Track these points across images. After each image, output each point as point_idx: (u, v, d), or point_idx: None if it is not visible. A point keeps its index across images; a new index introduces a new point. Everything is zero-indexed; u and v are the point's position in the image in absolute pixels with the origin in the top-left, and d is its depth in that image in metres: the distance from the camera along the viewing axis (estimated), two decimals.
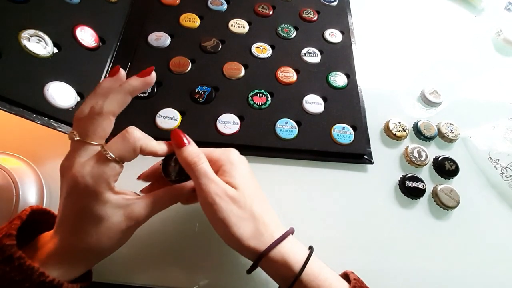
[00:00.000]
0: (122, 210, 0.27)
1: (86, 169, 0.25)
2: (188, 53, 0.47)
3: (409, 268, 0.33)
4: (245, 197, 0.28)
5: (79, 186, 0.25)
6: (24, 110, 0.33)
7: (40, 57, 0.35)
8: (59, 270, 0.25)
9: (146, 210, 0.28)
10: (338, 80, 0.47)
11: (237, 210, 0.27)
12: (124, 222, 0.27)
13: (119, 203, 0.26)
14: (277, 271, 0.28)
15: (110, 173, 0.25)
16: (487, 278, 0.37)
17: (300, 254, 0.28)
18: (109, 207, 0.26)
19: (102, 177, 0.25)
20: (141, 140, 0.27)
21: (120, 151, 0.26)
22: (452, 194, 0.40)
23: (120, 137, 0.26)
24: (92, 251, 0.27)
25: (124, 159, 0.26)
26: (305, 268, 0.27)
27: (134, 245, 0.34)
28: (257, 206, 0.29)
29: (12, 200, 0.33)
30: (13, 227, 0.25)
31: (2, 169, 0.34)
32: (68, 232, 0.26)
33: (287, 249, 0.28)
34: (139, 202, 0.28)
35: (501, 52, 0.58)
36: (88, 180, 0.25)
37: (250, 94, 0.44)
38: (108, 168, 0.25)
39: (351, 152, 0.41)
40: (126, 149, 0.26)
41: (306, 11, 0.54)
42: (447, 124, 0.46)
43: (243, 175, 0.30)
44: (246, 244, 0.27)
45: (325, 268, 0.29)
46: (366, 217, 0.39)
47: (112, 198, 0.26)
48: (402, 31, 0.57)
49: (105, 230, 0.26)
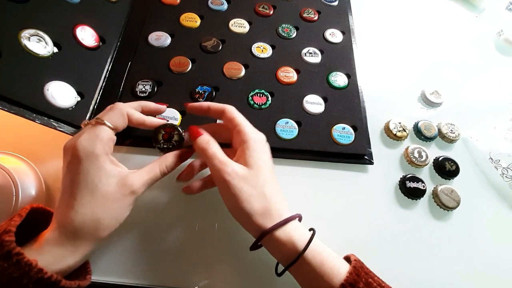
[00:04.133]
0: (116, 179, 0.29)
1: (84, 135, 0.29)
2: (189, 53, 0.47)
3: (408, 268, 0.33)
4: (258, 177, 0.30)
5: (77, 150, 0.27)
6: (24, 110, 0.33)
7: (40, 56, 0.35)
8: (55, 255, 0.26)
9: (139, 178, 0.30)
10: (339, 80, 0.47)
11: (248, 188, 0.29)
12: (119, 191, 0.28)
13: (113, 173, 0.29)
14: (280, 249, 0.29)
15: (104, 135, 0.29)
16: (487, 278, 0.37)
17: (305, 234, 0.30)
18: (104, 174, 0.28)
19: (97, 139, 0.28)
20: (128, 108, 0.32)
21: (111, 117, 0.30)
22: (453, 194, 0.40)
23: (108, 108, 0.32)
24: (87, 225, 0.27)
25: (115, 124, 0.30)
26: (309, 246, 0.28)
27: (134, 245, 0.35)
28: (269, 187, 0.30)
29: (11, 200, 0.33)
30: (13, 223, 0.25)
31: (1, 169, 0.34)
32: (64, 206, 0.27)
33: (292, 229, 0.29)
34: (132, 173, 0.30)
35: (502, 52, 0.58)
36: (85, 143, 0.28)
37: (250, 94, 0.44)
38: (102, 130, 0.29)
39: (351, 153, 0.41)
40: (115, 115, 0.31)
41: (306, 11, 0.54)
42: (447, 124, 0.46)
43: (261, 158, 0.31)
44: (254, 220, 0.29)
45: (327, 248, 0.30)
46: (366, 218, 0.39)
47: (107, 166, 0.28)
48: (402, 31, 0.57)
49: (99, 199, 0.27)
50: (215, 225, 0.36)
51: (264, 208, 0.29)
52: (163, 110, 0.38)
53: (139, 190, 0.29)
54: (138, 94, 0.42)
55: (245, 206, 0.29)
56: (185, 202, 0.37)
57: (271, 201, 0.29)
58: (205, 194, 0.38)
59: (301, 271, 0.29)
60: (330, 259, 0.28)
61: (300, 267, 0.28)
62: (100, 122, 0.30)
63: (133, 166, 0.32)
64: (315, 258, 0.28)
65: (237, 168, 0.30)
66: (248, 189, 0.29)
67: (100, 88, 0.42)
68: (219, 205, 0.37)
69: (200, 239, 0.35)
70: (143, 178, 0.30)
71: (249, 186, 0.29)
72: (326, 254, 0.29)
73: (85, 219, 0.27)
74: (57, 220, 0.27)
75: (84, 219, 0.27)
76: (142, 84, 0.43)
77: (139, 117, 0.33)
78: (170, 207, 0.37)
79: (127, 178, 0.29)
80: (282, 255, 0.29)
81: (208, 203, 0.38)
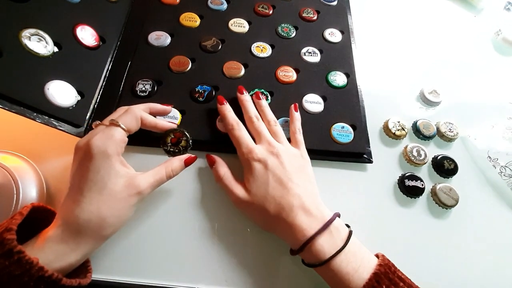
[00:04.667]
0: (124, 179, 0.29)
1: (99, 135, 0.29)
2: (188, 53, 0.47)
3: (407, 267, 0.33)
4: (254, 201, 0.33)
5: (91, 148, 0.28)
6: (25, 109, 0.33)
7: (41, 56, 0.36)
8: (56, 252, 0.26)
9: (145, 180, 0.31)
10: (338, 79, 0.47)
11: (251, 211, 0.34)
12: (125, 191, 0.29)
13: (122, 173, 0.30)
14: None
15: (118, 136, 0.30)
16: (485, 277, 0.37)
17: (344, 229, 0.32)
18: (113, 174, 0.29)
19: (111, 139, 0.29)
20: (142, 112, 0.34)
21: (125, 120, 0.31)
22: (451, 193, 0.40)
23: (124, 111, 0.33)
24: (92, 223, 0.27)
25: (129, 127, 0.32)
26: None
27: (134, 244, 0.35)
28: (267, 205, 0.33)
29: (12, 199, 0.33)
30: (14, 222, 0.25)
31: (2, 168, 0.34)
32: (71, 201, 0.28)
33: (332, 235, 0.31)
34: (139, 174, 0.31)
35: (500, 51, 0.58)
36: (99, 142, 0.29)
37: (250, 93, 0.44)
38: (116, 132, 0.30)
39: (350, 151, 0.41)
40: (130, 117, 0.32)
41: (306, 11, 0.54)
42: (446, 123, 0.46)
43: (254, 181, 0.34)
44: (298, 235, 0.31)
45: (360, 243, 0.32)
46: (365, 216, 0.39)
47: (117, 166, 0.29)
48: (401, 31, 0.57)
49: (107, 197, 0.28)
50: (215, 225, 0.36)
51: (275, 218, 0.32)
52: (168, 110, 0.40)
53: (145, 191, 0.30)
54: (138, 94, 0.42)
55: (260, 225, 0.34)
56: (185, 201, 0.38)
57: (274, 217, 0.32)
58: (205, 194, 0.38)
59: (325, 273, 0.31)
60: (363, 250, 0.30)
61: (322, 269, 0.30)
62: (115, 123, 0.31)
63: (133, 164, 0.33)
64: (350, 251, 0.30)
65: (240, 194, 0.34)
66: (251, 212, 0.34)
67: (100, 87, 0.42)
68: (219, 205, 0.37)
69: (201, 238, 0.36)
70: (149, 180, 0.31)
71: (251, 209, 0.33)
72: (359, 248, 0.31)
73: (90, 217, 0.27)
74: (61, 217, 0.28)
75: (89, 217, 0.27)
76: (142, 84, 0.43)
77: (152, 120, 0.35)
78: (170, 207, 0.37)
79: (134, 179, 0.30)
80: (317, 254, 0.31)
81: (208, 203, 0.38)
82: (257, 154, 0.34)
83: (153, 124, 0.35)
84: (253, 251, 0.35)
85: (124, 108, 0.34)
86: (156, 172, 0.32)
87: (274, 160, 0.34)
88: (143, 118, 0.34)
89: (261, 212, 0.32)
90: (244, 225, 0.37)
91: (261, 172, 0.33)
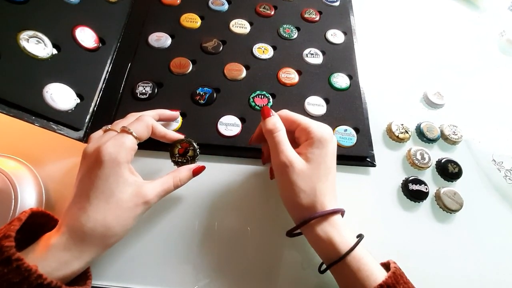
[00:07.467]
0: (132, 187, 0.29)
1: (110, 142, 0.29)
2: (189, 54, 0.46)
3: (411, 271, 0.32)
4: (313, 173, 0.30)
5: (102, 155, 0.28)
6: (23, 113, 0.32)
7: (39, 58, 0.35)
8: (59, 260, 0.25)
9: (153, 189, 0.30)
10: (340, 81, 0.46)
11: (302, 183, 0.30)
12: (132, 200, 0.29)
13: (130, 181, 0.29)
14: (319, 245, 0.30)
15: (129, 144, 0.29)
16: (490, 281, 0.37)
17: (346, 235, 0.30)
18: (122, 182, 0.28)
19: (122, 146, 0.29)
20: (153, 121, 0.33)
21: (136, 127, 0.31)
22: (455, 197, 0.40)
23: (135, 118, 0.33)
24: (97, 231, 0.27)
25: (140, 135, 0.31)
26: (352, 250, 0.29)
27: (134, 246, 0.34)
28: (322, 185, 0.30)
29: (10, 204, 0.32)
30: (12, 228, 0.25)
31: (0, 172, 0.34)
32: (77, 208, 0.27)
33: (332, 228, 0.30)
34: (147, 183, 0.30)
35: (505, 52, 0.57)
36: (111, 149, 0.28)
37: (252, 95, 0.43)
38: (127, 139, 0.30)
39: (353, 155, 0.41)
40: (141, 126, 0.32)
41: (308, 12, 0.53)
42: (450, 126, 0.45)
43: (323, 153, 0.31)
44: (299, 212, 0.30)
45: (368, 254, 0.30)
46: (368, 220, 0.38)
47: (126, 174, 0.29)
48: (404, 32, 0.57)
49: (113, 206, 0.28)
50: (215, 225, 0.36)
51: (311, 203, 0.30)
52: (176, 116, 0.40)
53: (152, 200, 0.30)
54: (138, 96, 0.42)
55: (295, 200, 0.30)
56: (184, 203, 0.37)
57: (319, 198, 0.30)
58: (205, 194, 0.38)
59: (338, 272, 0.30)
60: (368, 267, 0.28)
61: (337, 269, 0.29)
62: (127, 131, 0.30)
63: (139, 168, 0.32)
64: (353, 263, 0.28)
65: (296, 161, 0.30)
66: (301, 184, 0.30)
67: (100, 90, 0.41)
68: (219, 205, 0.37)
69: (200, 238, 0.35)
70: (157, 189, 0.30)
71: (303, 181, 0.30)
72: (365, 261, 0.29)
73: (96, 225, 0.27)
74: (65, 224, 0.27)
75: (95, 225, 0.27)
76: (142, 86, 0.42)
77: (162, 130, 0.35)
78: (169, 206, 0.37)
79: (142, 188, 0.29)
80: (322, 252, 0.31)
81: (208, 203, 0.37)
82: (331, 134, 0.32)
83: (162, 134, 0.35)
84: (253, 252, 0.35)
85: (135, 115, 0.34)
86: (164, 181, 0.31)
87: (333, 146, 0.33)
88: (154, 127, 0.33)
89: (307, 186, 0.30)
90: (244, 226, 0.36)
91: (332, 151, 0.32)
